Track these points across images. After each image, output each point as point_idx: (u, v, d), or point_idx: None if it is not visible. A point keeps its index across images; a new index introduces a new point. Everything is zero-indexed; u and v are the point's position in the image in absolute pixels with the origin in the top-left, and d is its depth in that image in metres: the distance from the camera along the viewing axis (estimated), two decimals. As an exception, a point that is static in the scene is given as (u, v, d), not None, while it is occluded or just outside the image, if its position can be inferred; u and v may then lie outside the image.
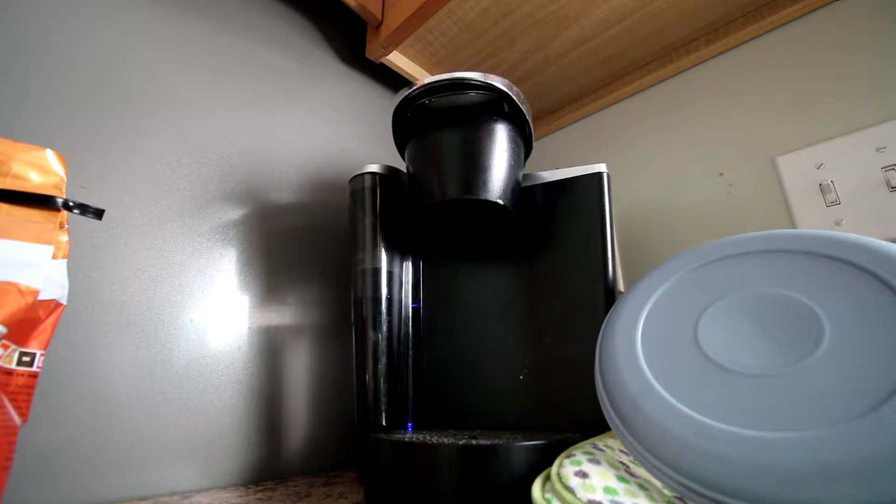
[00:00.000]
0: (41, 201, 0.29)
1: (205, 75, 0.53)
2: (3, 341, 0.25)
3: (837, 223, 0.53)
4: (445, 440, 0.35)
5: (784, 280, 0.30)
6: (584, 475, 0.26)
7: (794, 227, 0.56)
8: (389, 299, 0.46)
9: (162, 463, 0.41)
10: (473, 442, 0.34)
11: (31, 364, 0.27)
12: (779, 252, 0.32)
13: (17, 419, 0.26)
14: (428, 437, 0.37)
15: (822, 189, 0.54)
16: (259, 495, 0.41)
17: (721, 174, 0.63)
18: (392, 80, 0.74)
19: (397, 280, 0.48)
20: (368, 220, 0.48)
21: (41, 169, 0.29)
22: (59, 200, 0.29)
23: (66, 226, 0.31)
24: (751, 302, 0.30)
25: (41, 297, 0.27)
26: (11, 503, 0.32)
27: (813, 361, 0.25)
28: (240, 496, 0.40)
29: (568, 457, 0.29)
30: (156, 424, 0.42)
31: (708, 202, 0.64)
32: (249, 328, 0.50)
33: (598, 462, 0.28)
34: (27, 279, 0.27)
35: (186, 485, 0.42)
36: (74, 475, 0.37)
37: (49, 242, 0.29)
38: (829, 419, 0.22)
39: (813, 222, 0.54)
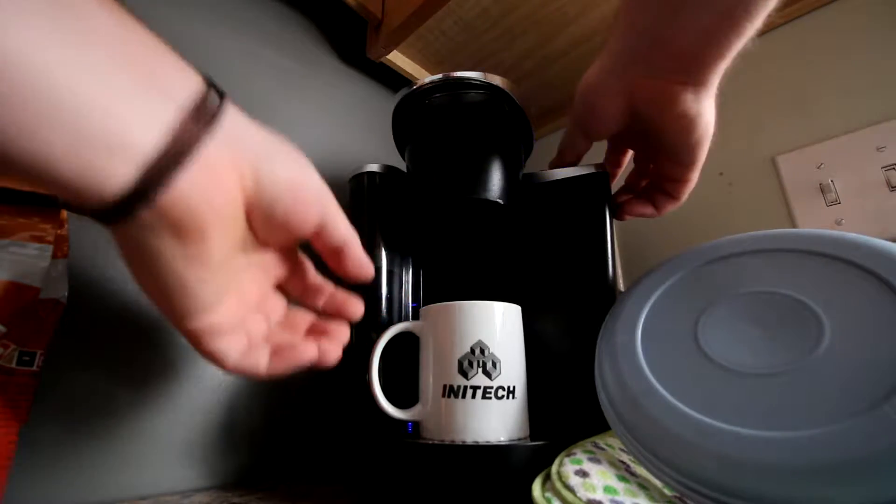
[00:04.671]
0: (41, 201, 0.29)
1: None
2: (4, 340, 0.25)
3: (838, 223, 0.53)
4: (445, 440, 0.35)
5: (784, 279, 0.30)
6: (584, 474, 0.26)
7: (794, 226, 0.56)
8: (389, 299, 0.46)
9: (162, 462, 0.41)
10: (474, 442, 0.34)
11: (31, 363, 0.27)
12: (779, 251, 0.32)
13: (17, 418, 0.26)
14: (429, 438, 0.37)
15: (822, 189, 0.54)
16: (259, 495, 0.41)
17: (721, 174, 0.63)
18: (392, 79, 0.74)
19: (397, 280, 0.48)
20: (368, 220, 0.48)
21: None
22: (60, 200, 0.29)
23: (67, 225, 0.31)
24: (751, 301, 0.30)
25: (41, 296, 0.27)
26: (11, 503, 0.32)
27: (813, 361, 0.25)
28: (240, 496, 0.40)
29: (568, 455, 0.29)
30: (156, 424, 0.42)
31: (708, 202, 0.64)
32: (249, 328, 0.50)
33: (598, 461, 0.28)
34: (27, 279, 0.27)
35: (186, 484, 0.42)
36: (74, 475, 0.37)
37: (49, 242, 0.29)
38: (829, 418, 0.22)
39: (813, 222, 0.54)
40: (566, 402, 0.41)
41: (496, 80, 0.43)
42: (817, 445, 0.21)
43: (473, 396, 0.35)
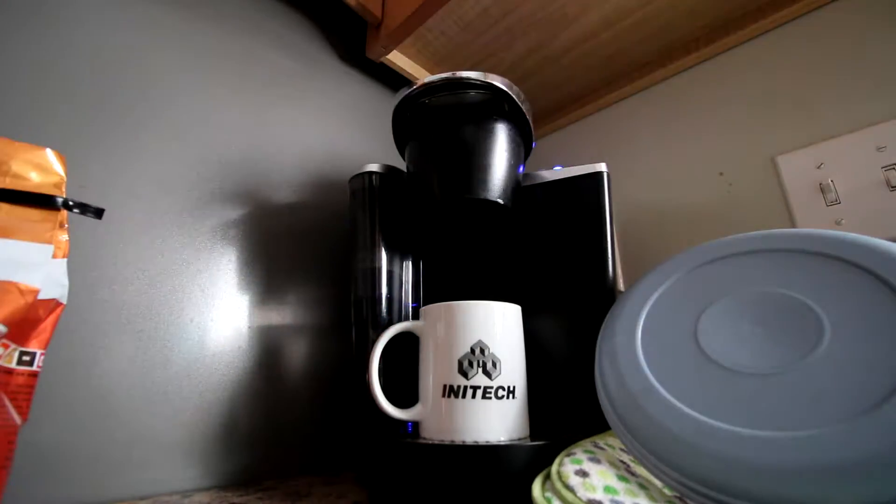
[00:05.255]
0: (41, 201, 0.29)
1: (205, 75, 0.53)
2: (4, 340, 0.25)
3: (837, 223, 0.53)
4: (445, 440, 0.35)
5: (784, 279, 0.30)
6: (584, 474, 0.26)
7: (794, 226, 0.56)
8: (389, 299, 0.46)
9: (162, 462, 0.41)
10: (475, 442, 0.34)
11: (31, 363, 0.27)
12: (779, 251, 0.32)
13: (17, 418, 0.26)
14: (429, 438, 0.37)
15: (822, 188, 0.54)
16: (259, 495, 0.40)
17: (721, 174, 0.63)
18: (392, 79, 0.74)
19: (397, 280, 0.48)
20: (368, 220, 0.48)
21: (41, 168, 0.29)
22: (59, 200, 0.29)
23: (66, 225, 0.31)
24: (751, 301, 0.30)
25: (41, 296, 0.27)
26: (11, 503, 0.32)
27: (813, 361, 0.25)
28: (240, 496, 0.40)
29: (568, 455, 0.29)
30: (156, 424, 0.42)
31: (708, 202, 0.64)
32: (249, 328, 0.50)
33: (598, 461, 0.28)
34: (27, 278, 0.27)
35: (186, 484, 0.42)
36: (74, 475, 0.37)
37: (49, 242, 0.29)
38: (829, 418, 0.22)
39: (813, 222, 0.54)
40: (566, 402, 0.41)
41: (496, 79, 0.43)
42: (817, 445, 0.21)
43: (473, 396, 0.35)
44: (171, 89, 0.49)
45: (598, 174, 0.46)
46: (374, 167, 0.49)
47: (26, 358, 0.26)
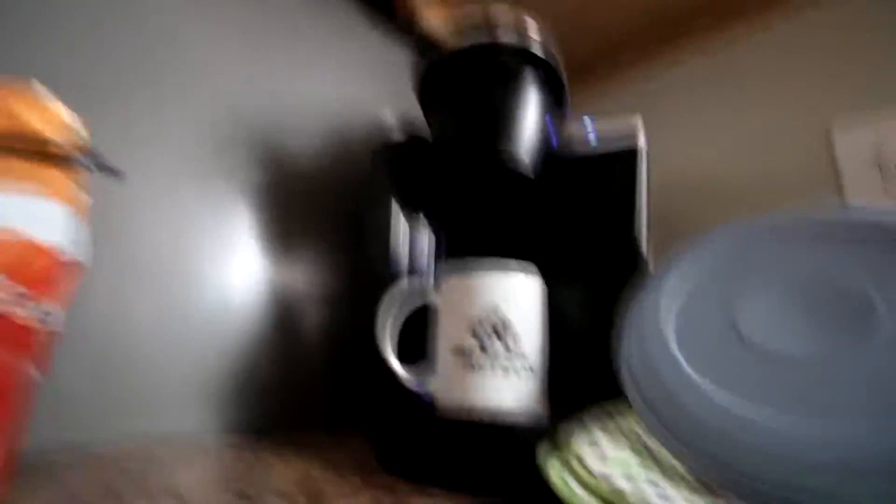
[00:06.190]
0: (62, 160, 0.28)
1: (225, 32, 0.51)
2: (25, 300, 0.25)
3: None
4: (461, 414, 0.35)
5: (834, 261, 0.27)
6: (596, 446, 0.26)
7: (846, 203, 0.52)
8: (408, 265, 0.46)
9: (179, 407, 0.43)
10: (489, 415, 0.34)
11: (52, 322, 0.27)
12: (828, 231, 0.29)
13: (38, 376, 0.27)
14: (442, 409, 0.36)
15: (880, 165, 0.50)
16: (270, 445, 0.41)
17: (770, 145, 0.59)
18: (419, 36, 0.71)
19: (416, 247, 0.47)
20: (389, 185, 0.47)
21: (63, 128, 0.29)
22: (81, 160, 0.29)
23: (88, 184, 0.31)
24: (797, 283, 0.28)
25: (63, 255, 0.27)
26: (32, 445, 0.33)
27: (867, 348, 0.23)
28: (251, 446, 0.41)
29: (580, 428, 0.28)
30: (175, 374, 0.43)
31: (752, 174, 0.60)
32: (268, 284, 0.51)
33: (610, 433, 0.27)
34: (49, 237, 0.27)
35: (201, 427, 0.44)
36: (94, 417, 0.39)
37: (70, 201, 0.29)
38: (887, 408, 0.20)
39: (868, 199, 0.50)
40: (586, 379, 0.40)
41: (532, 44, 0.39)
42: (876, 437, 0.19)
43: (490, 368, 0.34)
44: (190, 48, 0.48)
45: (633, 134, 0.43)
46: (396, 132, 0.48)
47: (47, 317, 0.26)
